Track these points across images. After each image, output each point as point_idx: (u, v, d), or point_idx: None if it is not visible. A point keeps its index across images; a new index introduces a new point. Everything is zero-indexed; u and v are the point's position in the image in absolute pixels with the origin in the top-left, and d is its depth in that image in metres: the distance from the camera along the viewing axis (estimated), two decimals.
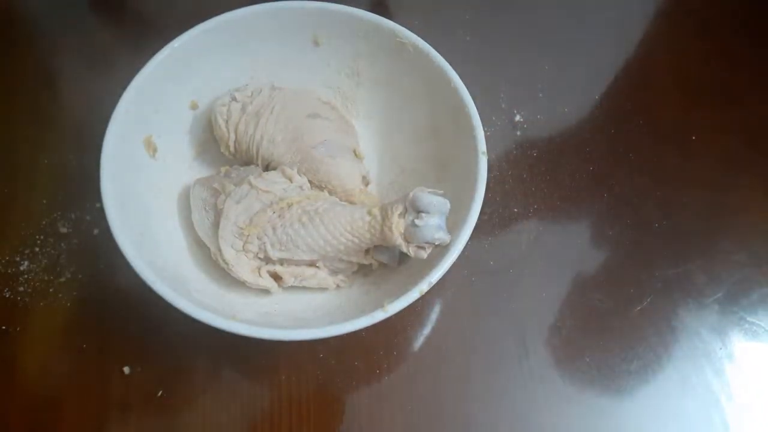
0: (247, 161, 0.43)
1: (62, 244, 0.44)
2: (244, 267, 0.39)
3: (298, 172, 0.41)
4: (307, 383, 0.41)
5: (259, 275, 0.39)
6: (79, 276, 0.43)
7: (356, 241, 0.37)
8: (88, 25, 0.54)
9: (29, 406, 0.40)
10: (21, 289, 0.42)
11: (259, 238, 0.38)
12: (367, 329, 0.42)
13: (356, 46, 0.45)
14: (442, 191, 0.36)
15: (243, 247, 0.39)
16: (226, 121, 0.42)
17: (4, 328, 0.41)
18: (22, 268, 0.43)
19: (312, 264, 0.40)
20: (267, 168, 0.42)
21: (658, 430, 0.41)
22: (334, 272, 0.40)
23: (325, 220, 0.38)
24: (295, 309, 0.39)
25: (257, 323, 0.34)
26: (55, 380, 0.40)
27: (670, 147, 0.51)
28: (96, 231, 0.44)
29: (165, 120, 0.42)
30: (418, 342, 0.43)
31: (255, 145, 0.42)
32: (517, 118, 0.51)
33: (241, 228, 0.38)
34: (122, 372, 0.40)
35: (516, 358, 0.42)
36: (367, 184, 0.44)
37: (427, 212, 0.35)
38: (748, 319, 0.44)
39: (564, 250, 0.46)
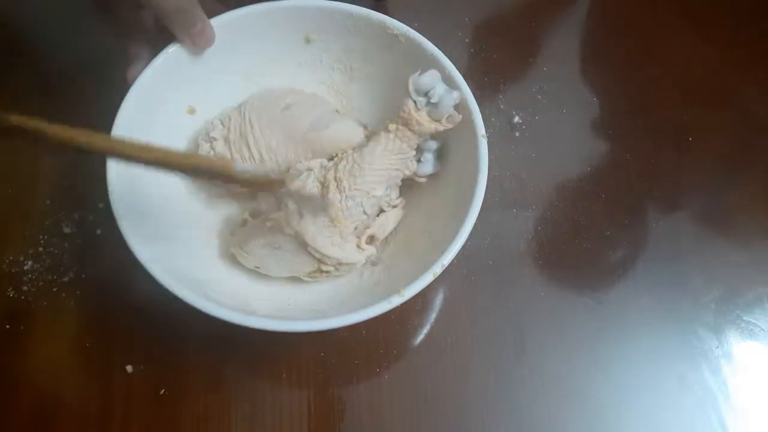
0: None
1: (66, 244, 0.44)
2: (353, 253, 0.40)
3: (314, 157, 0.42)
4: (308, 382, 0.41)
5: (363, 248, 0.41)
6: (83, 276, 0.43)
7: (402, 156, 0.41)
8: (91, 27, 0.54)
9: (32, 405, 0.40)
10: (25, 288, 0.43)
11: (345, 218, 0.40)
12: (367, 328, 0.42)
13: (348, 41, 0.45)
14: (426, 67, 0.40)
15: (341, 237, 0.40)
16: None
17: (8, 327, 0.42)
18: (25, 268, 0.43)
19: (381, 209, 0.42)
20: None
21: (655, 428, 0.41)
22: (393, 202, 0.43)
23: (367, 161, 0.40)
24: (308, 301, 0.40)
25: (275, 317, 0.34)
26: (58, 379, 0.41)
27: (667, 147, 0.51)
28: (99, 231, 0.45)
29: (163, 126, 0.42)
30: (418, 340, 0.43)
31: (258, 163, 0.42)
32: (516, 119, 0.52)
33: (329, 226, 0.40)
34: (125, 370, 0.41)
35: (515, 355, 0.42)
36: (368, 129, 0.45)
37: (433, 87, 0.39)
38: (744, 318, 0.45)
39: (562, 250, 0.46)
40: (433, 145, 0.42)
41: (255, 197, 0.43)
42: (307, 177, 0.41)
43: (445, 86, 0.39)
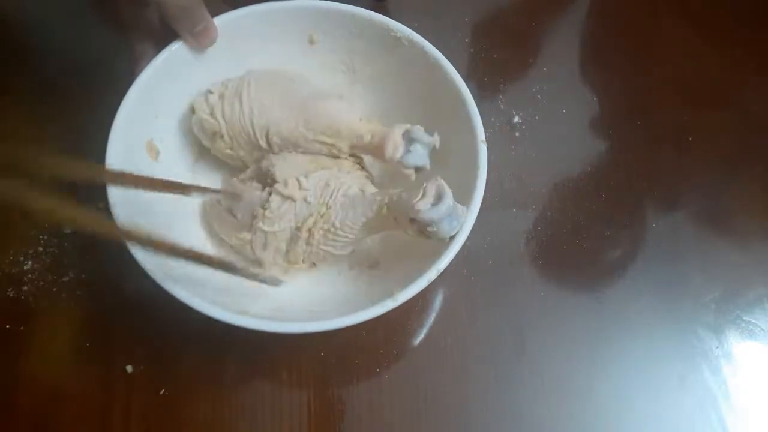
0: (247, 147, 0.42)
1: (65, 244, 0.44)
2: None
3: (304, 127, 0.41)
4: (308, 382, 0.41)
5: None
6: (82, 275, 0.43)
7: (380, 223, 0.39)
8: (93, 26, 0.54)
9: (32, 405, 0.40)
10: (25, 288, 0.43)
11: (299, 261, 0.41)
12: (367, 328, 0.42)
13: (351, 43, 0.45)
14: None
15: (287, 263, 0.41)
16: (211, 113, 0.42)
17: (8, 327, 0.42)
18: (25, 268, 0.43)
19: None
20: (269, 142, 0.42)
21: (655, 428, 0.41)
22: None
23: (348, 228, 0.39)
24: (305, 302, 0.40)
25: (270, 318, 0.35)
26: (58, 379, 0.41)
27: (667, 148, 0.51)
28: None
29: (165, 124, 0.43)
30: (418, 340, 0.43)
31: (247, 120, 0.41)
32: (516, 119, 0.52)
33: (284, 264, 0.41)
34: (125, 370, 0.40)
35: (514, 355, 0.42)
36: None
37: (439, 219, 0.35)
38: (744, 318, 0.45)
39: (562, 250, 0.46)
40: (425, 137, 0.40)
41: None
42: (284, 206, 0.40)
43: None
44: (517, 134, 0.51)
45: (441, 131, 0.43)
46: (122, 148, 0.38)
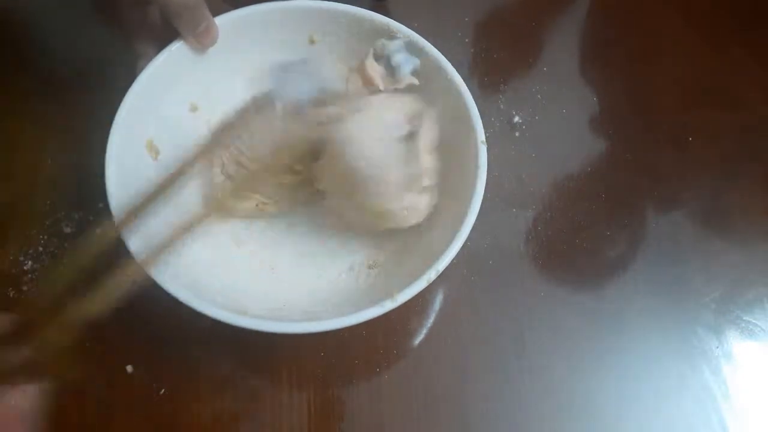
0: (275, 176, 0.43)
1: (66, 244, 0.44)
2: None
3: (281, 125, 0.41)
4: (307, 382, 0.41)
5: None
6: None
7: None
8: (94, 26, 0.54)
9: (32, 405, 0.40)
10: (25, 288, 0.43)
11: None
12: (367, 328, 0.42)
13: (351, 44, 0.45)
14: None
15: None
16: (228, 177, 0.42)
17: None
18: (25, 268, 0.43)
19: None
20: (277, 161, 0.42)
21: (655, 427, 0.41)
22: None
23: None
24: (304, 303, 0.40)
25: (268, 318, 0.35)
26: (57, 379, 0.41)
27: (668, 148, 0.51)
28: (99, 231, 0.45)
29: (165, 123, 0.43)
30: (418, 341, 0.43)
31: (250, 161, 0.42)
32: (516, 119, 0.52)
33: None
34: (125, 371, 0.40)
35: (514, 356, 0.42)
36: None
37: (393, 53, 0.38)
38: (744, 318, 0.45)
39: (562, 250, 0.46)
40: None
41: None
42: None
43: (405, 54, 0.40)
44: (517, 134, 0.51)
45: (441, 131, 0.43)
46: (122, 148, 0.38)
